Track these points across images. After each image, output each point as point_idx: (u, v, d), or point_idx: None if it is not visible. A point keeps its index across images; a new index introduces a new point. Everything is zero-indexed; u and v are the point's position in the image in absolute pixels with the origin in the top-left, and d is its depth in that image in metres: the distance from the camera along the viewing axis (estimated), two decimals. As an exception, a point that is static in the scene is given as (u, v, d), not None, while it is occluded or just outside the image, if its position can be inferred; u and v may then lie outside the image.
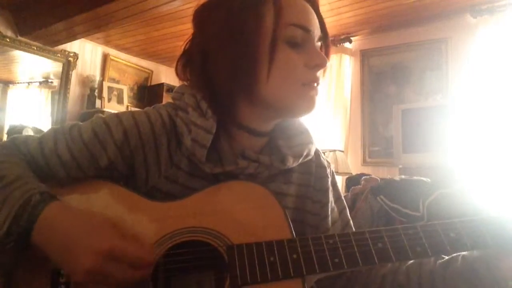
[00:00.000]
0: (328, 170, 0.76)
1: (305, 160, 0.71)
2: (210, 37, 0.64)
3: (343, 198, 0.78)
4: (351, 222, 0.77)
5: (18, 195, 0.54)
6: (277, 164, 0.67)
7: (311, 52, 0.63)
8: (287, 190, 0.70)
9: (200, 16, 0.66)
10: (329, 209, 0.73)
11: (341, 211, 0.77)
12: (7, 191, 0.55)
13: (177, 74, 0.70)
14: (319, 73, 0.65)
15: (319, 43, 0.66)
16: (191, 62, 0.68)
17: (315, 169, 0.74)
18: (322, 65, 0.63)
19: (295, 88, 0.63)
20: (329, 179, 0.75)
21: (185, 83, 0.71)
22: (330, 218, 0.73)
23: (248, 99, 0.64)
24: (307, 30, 0.62)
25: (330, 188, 0.75)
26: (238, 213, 0.60)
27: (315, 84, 0.65)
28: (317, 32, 0.64)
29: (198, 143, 0.62)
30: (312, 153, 0.72)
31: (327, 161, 0.77)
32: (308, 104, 0.64)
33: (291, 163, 0.68)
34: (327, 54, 0.68)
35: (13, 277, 0.56)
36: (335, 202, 0.76)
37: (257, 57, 0.60)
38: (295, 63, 0.62)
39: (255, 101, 0.64)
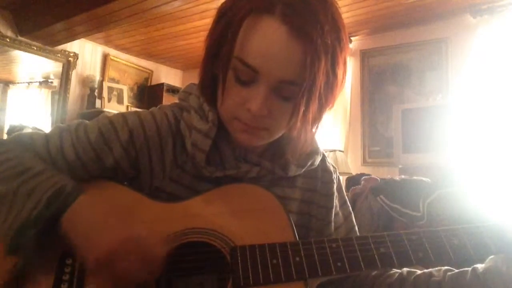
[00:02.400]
0: (334, 175, 0.75)
1: (309, 169, 0.70)
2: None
3: (348, 203, 0.78)
4: (356, 228, 0.77)
5: (50, 184, 0.55)
6: (279, 171, 0.66)
7: (250, 95, 0.56)
8: (291, 195, 0.70)
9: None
10: (333, 215, 0.73)
11: (347, 216, 0.76)
12: (38, 180, 0.55)
13: None
14: (258, 120, 0.57)
15: (278, 85, 0.55)
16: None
17: (320, 174, 0.73)
18: (252, 111, 0.56)
19: (228, 119, 0.61)
20: (335, 184, 0.74)
21: (193, 82, 0.70)
22: (333, 224, 0.73)
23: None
24: (254, 71, 0.55)
25: (336, 193, 0.74)
26: (241, 215, 0.61)
27: (247, 122, 0.58)
28: (276, 75, 0.54)
29: (197, 147, 0.62)
30: (317, 163, 0.72)
31: (333, 166, 0.77)
32: (237, 139, 0.62)
33: (294, 172, 0.68)
34: (308, 100, 0.56)
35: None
36: (340, 207, 0.76)
37: (214, 73, 0.60)
38: (232, 94, 0.58)
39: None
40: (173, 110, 0.67)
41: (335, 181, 0.75)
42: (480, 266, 0.60)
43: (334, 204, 0.73)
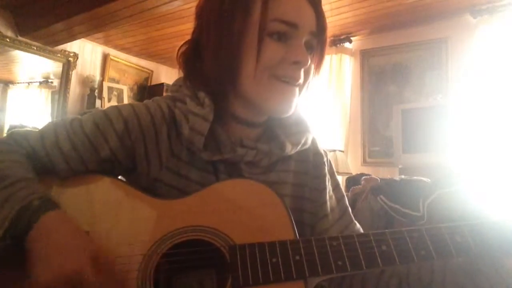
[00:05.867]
0: (325, 158, 0.77)
1: (303, 148, 0.72)
2: (202, 27, 0.66)
3: (341, 186, 0.79)
4: (349, 209, 0.78)
5: (19, 199, 0.54)
6: (276, 151, 0.67)
7: (293, 47, 0.61)
8: (286, 178, 0.71)
9: (198, 7, 0.68)
10: (327, 195, 0.74)
11: (340, 199, 0.77)
12: (10, 191, 0.55)
13: (177, 60, 0.71)
14: (301, 73, 0.63)
15: (309, 38, 0.64)
16: (184, 52, 0.70)
17: (312, 157, 0.75)
18: (300, 61, 0.61)
19: (268, 82, 0.62)
20: (326, 166, 0.76)
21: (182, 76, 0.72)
22: (328, 204, 0.74)
23: (234, 91, 0.65)
24: (294, 26, 0.61)
25: (328, 176, 0.76)
26: (241, 212, 0.60)
27: (292, 82, 0.63)
28: (309, 27, 0.63)
29: (196, 130, 0.63)
30: (309, 141, 0.73)
31: (324, 150, 0.78)
32: (280, 102, 0.63)
33: (290, 149, 0.68)
34: (322, 50, 0.66)
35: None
36: (333, 190, 0.77)
37: (240, 50, 0.61)
38: (274, 54, 0.61)
39: (239, 94, 0.65)
40: (167, 102, 0.68)
41: (326, 163, 0.76)
42: None
43: (327, 186, 0.75)
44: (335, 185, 0.78)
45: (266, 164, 0.68)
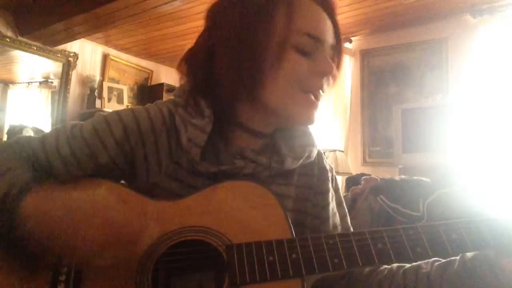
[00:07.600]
0: (330, 174, 0.75)
1: (306, 162, 0.70)
2: (220, 36, 0.63)
3: (344, 204, 0.78)
4: (351, 230, 0.76)
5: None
6: (275, 164, 0.66)
7: (319, 60, 0.62)
8: (287, 192, 0.70)
9: (214, 13, 0.66)
10: (330, 211, 0.73)
11: (342, 218, 0.76)
12: None
13: (178, 68, 0.69)
14: (325, 83, 0.64)
15: (331, 52, 0.65)
16: (195, 57, 0.67)
17: (317, 172, 0.73)
18: (328, 72, 0.63)
19: (294, 94, 0.62)
20: (330, 182, 0.74)
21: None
22: (330, 221, 0.72)
23: (251, 102, 0.64)
24: (319, 41, 0.62)
25: (332, 192, 0.74)
26: (238, 212, 0.60)
27: (318, 93, 0.64)
28: (329, 40, 0.64)
29: (193, 142, 0.62)
30: (314, 155, 0.72)
31: (330, 165, 0.77)
32: (305, 113, 0.64)
33: (290, 164, 0.67)
34: (339, 61, 0.68)
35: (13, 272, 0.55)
36: (337, 207, 0.76)
37: (263, 61, 0.60)
38: (300, 68, 0.61)
39: (257, 104, 0.64)
40: (168, 106, 0.67)
41: (330, 179, 0.75)
42: (468, 254, 0.59)
43: (330, 202, 0.73)
44: (339, 203, 0.77)
45: (266, 176, 0.67)
